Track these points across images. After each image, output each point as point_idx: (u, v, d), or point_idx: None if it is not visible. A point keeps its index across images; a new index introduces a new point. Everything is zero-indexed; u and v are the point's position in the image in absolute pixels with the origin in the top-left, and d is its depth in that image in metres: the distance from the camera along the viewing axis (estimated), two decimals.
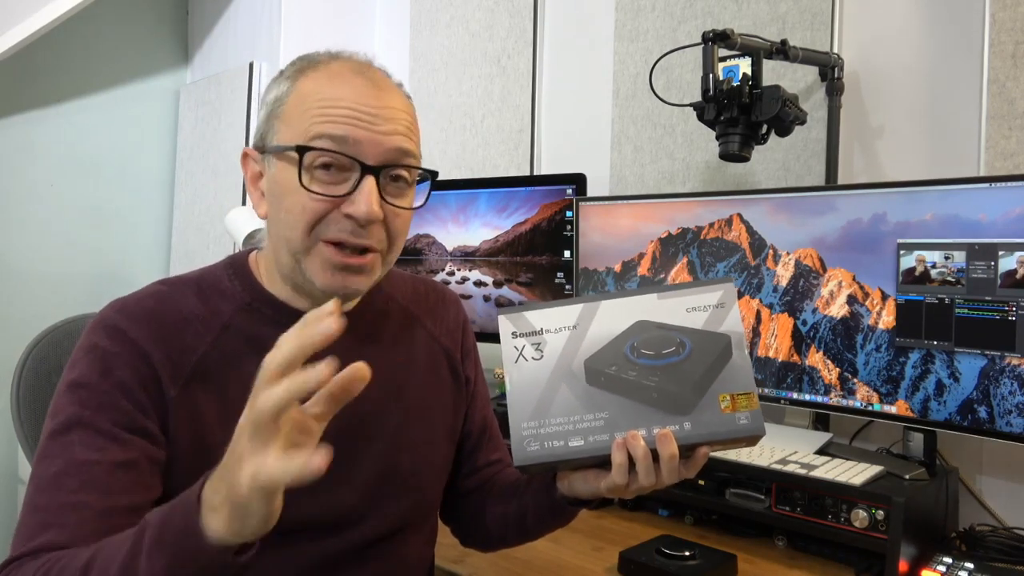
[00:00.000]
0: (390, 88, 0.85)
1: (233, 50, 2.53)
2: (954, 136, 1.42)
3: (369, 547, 0.90)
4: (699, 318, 0.80)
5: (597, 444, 0.78)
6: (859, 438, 1.47)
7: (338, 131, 0.80)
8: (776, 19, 1.63)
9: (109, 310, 0.83)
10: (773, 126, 1.36)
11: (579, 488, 0.85)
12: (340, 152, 0.80)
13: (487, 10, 2.18)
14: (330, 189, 0.81)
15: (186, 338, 0.83)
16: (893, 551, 1.12)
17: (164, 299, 0.85)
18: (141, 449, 0.78)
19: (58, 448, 0.76)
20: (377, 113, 0.81)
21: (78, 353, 0.81)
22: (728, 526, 1.34)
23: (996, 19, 1.35)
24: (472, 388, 1.05)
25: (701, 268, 1.49)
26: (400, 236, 0.86)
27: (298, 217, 0.81)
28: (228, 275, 0.89)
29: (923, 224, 1.23)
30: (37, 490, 0.75)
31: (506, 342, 0.83)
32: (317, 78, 0.83)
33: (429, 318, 1.02)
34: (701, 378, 0.78)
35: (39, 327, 1.16)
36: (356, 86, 0.82)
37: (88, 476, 0.75)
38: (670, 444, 0.76)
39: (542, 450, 0.79)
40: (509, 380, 0.81)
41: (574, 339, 0.82)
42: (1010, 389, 1.16)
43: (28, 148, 2.42)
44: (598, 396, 0.79)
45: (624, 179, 1.88)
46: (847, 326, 1.32)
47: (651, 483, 0.78)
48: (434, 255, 1.93)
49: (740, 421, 0.77)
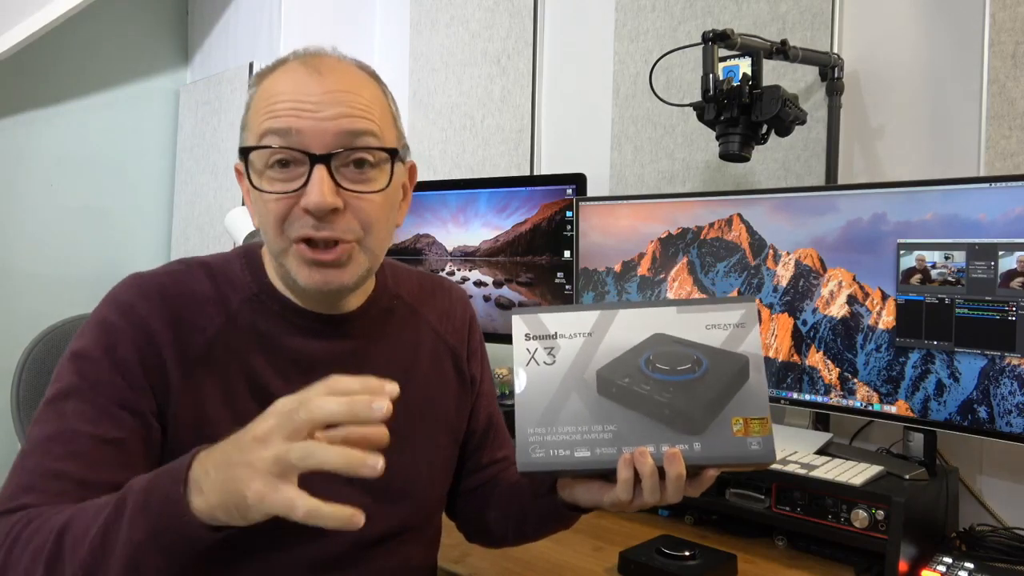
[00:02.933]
0: (338, 71, 0.82)
1: (233, 50, 2.53)
2: (954, 136, 1.42)
3: (370, 547, 0.90)
4: (718, 336, 0.78)
5: (603, 457, 0.77)
6: (859, 438, 1.47)
7: (279, 124, 0.79)
8: (776, 19, 1.63)
9: (125, 284, 0.84)
10: (773, 126, 1.36)
11: (581, 497, 0.84)
12: (284, 146, 0.78)
13: (487, 10, 2.18)
14: (284, 186, 0.79)
15: (197, 319, 0.83)
16: (893, 551, 1.12)
17: (179, 278, 0.85)
18: (131, 429, 0.78)
19: (52, 414, 0.77)
20: (319, 99, 0.79)
21: (88, 323, 0.82)
22: (728, 526, 1.34)
23: (996, 19, 1.35)
24: (478, 387, 1.05)
25: (701, 268, 1.49)
26: (375, 222, 0.82)
27: (266, 219, 0.81)
28: (241, 264, 0.89)
29: (923, 224, 1.23)
30: (26, 452, 0.77)
31: (518, 343, 0.81)
32: (274, 78, 0.82)
33: (435, 315, 1.01)
34: (715, 399, 0.76)
35: (39, 327, 1.16)
36: (298, 77, 0.80)
37: (75, 446, 0.75)
38: (678, 464, 0.74)
39: (547, 458, 0.78)
40: (518, 383, 0.80)
41: (588, 346, 0.80)
42: (1010, 389, 1.16)
43: (28, 148, 2.42)
44: (608, 407, 0.78)
45: (624, 179, 1.88)
46: (847, 326, 1.32)
47: (655, 501, 0.76)
48: (434, 255, 1.93)
49: (751, 447, 0.75)
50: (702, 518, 1.38)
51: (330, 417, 0.58)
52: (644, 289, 1.57)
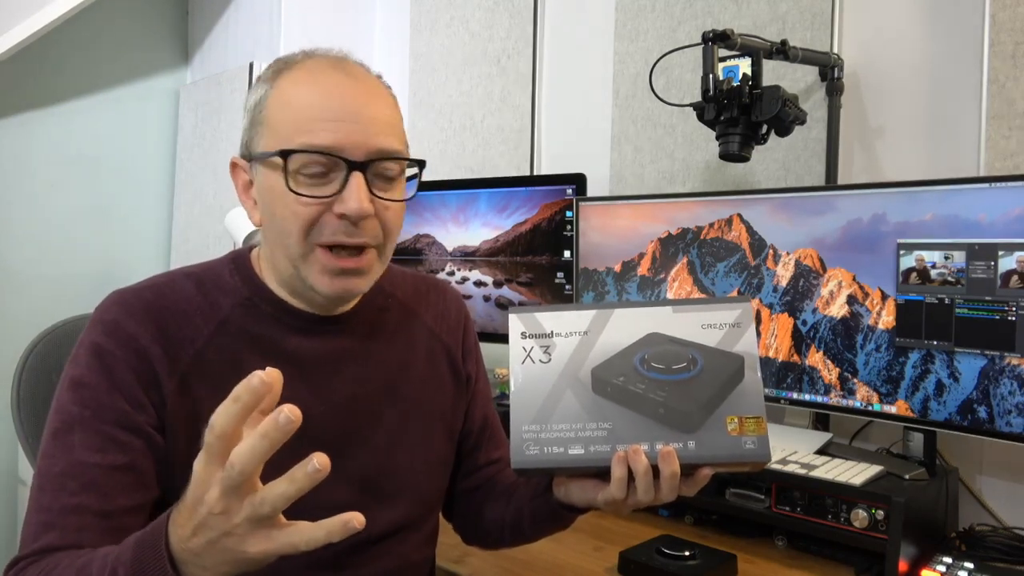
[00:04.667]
0: (369, 82, 0.84)
1: (233, 50, 2.53)
2: (954, 136, 1.42)
3: (369, 546, 0.90)
4: (714, 336, 0.79)
5: (598, 454, 0.77)
6: (859, 438, 1.47)
7: (322, 131, 0.79)
8: (776, 19, 1.63)
9: (108, 303, 0.83)
10: (773, 126, 1.36)
11: (575, 496, 0.85)
12: (325, 152, 0.79)
13: (487, 10, 2.18)
14: (318, 191, 0.80)
15: (184, 330, 0.83)
16: (893, 551, 1.12)
17: (162, 291, 0.85)
18: (140, 450, 0.78)
19: (60, 448, 0.77)
20: (359, 111, 0.81)
21: (79, 349, 0.82)
22: (728, 526, 1.34)
23: (996, 19, 1.35)
24: (473, 386, 1.05)
25: (701, 268, 1.49)
26: (394, 230, 0.86)
27: (291, 223, 0.81)
28: (230, 270, 0.89)
29: (923, 224, 1.23)
30: (41, 489, 0.77)
31: (514, 342, 0.82)
32: (295, 78, 0.82)
33: (430, 315, 1.02)
34: (710, 398, 0.76)
35: (39, 327, 1.16)
36: (335, 84, 0.81)
37: (88, 478, 0.76)
38: (672, 462, 0.75)
39: (541, 455, 0.78)
40: (514, 380, 0.81)
41: (584, 345, 0.80)
42: (1010, 389, 1.16)
43: (28, 148, 2.42)
44: (603, 406, 0.78)
45: (624, 179, 1.88)
46: (847, 326, 1.32)
47: (649, 499, 0.77)
48: (434, 255, 1.93)
49: (746, 445, 0.75)
50: (702, 518, 1.38)
51: (257, 458, 0.54)
52: (644, 289, 1.57)
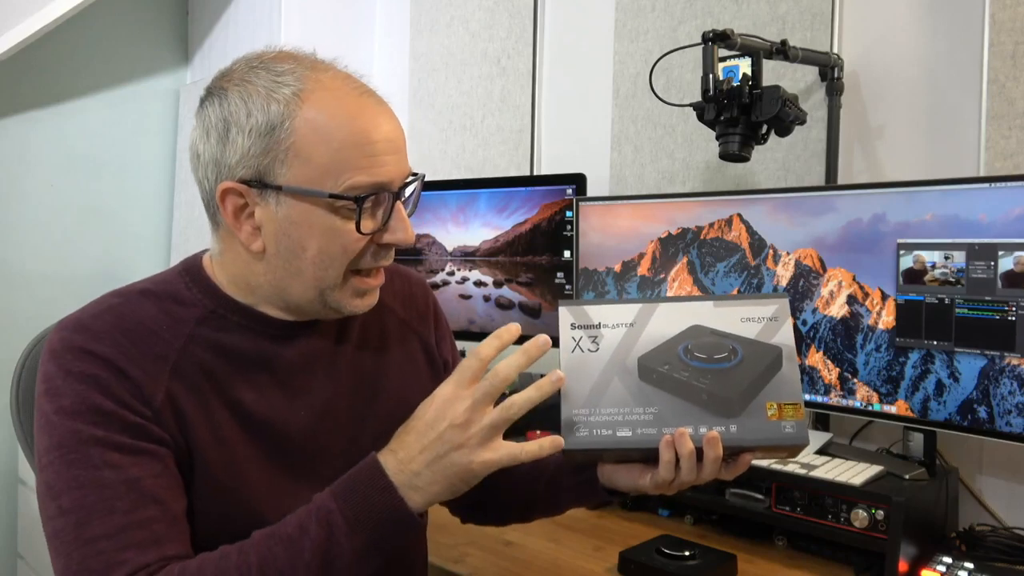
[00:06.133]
0: (388, 103, 0.84)
1: (233, 50, 2.53)
2: (954, 136, 1.42)
3: None
4: (753, 328, 0.84)
5: (645, 437, 0.80)
6: (859, 438, 1.47)
7: (380, 168, 0.79)
8: (776, 19, 1.63)
9: (65, 334, 0.78)
10: (773, 126, 1.36)
11: (622, 481, 0.87)
12: (384, 190, 0.80)
13: (487, 10, 2.18)
14: (375, 224, 0.81)
15: (155, 348, 0.79)
16: (893, 551, 1.12)
17: (121, 312, 0.80)
18: (163, 456, 0.77)
19: (86, 476, 0.73)
20: (398, 139, 0.82)
21: (52, 382, 0.76)
22: (728, 526, 1.34)
23: (996, 19, 1.35)
24: (450, 372, 1.04)
25: (701, 268, 1.50)
26: None
27: (338, 258, 0.80)
28: (185, 283, 0.85)
29: (923, 224, 1.23)
30: (79, 524, 0.72)
31: (564, 332, 0.85)
32: (324, 105, 0.78)
33: (398, 303, 1.00)
34: (750, 385, 0.81)
35: (39, 327, 1.16)
36: (375, 114, 0.80)
37: (137, 494, 0.73)
38: (716, 446, 0.78)
39: (591, 437, 0.81)
40: (564, 368, 0.83)
41: (630, 336, 0.84)
42: (1010, 389, 1.16)
43: (28, 148, 2.42)
44: (649, 392, 0.82)
45: (624, 179, 1.88)
46: (847, 326, 1.32)
47: (692, 480, 0.81)
48: (434, 255, 1.93)
49: (785, 429, 0.79)
50: (702, 518, 1.38)
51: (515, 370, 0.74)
52: (644, 289, 1.57)
